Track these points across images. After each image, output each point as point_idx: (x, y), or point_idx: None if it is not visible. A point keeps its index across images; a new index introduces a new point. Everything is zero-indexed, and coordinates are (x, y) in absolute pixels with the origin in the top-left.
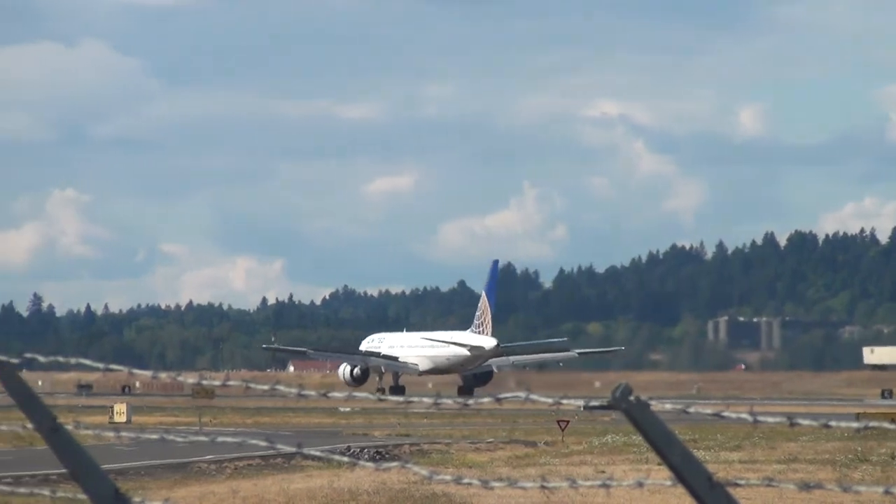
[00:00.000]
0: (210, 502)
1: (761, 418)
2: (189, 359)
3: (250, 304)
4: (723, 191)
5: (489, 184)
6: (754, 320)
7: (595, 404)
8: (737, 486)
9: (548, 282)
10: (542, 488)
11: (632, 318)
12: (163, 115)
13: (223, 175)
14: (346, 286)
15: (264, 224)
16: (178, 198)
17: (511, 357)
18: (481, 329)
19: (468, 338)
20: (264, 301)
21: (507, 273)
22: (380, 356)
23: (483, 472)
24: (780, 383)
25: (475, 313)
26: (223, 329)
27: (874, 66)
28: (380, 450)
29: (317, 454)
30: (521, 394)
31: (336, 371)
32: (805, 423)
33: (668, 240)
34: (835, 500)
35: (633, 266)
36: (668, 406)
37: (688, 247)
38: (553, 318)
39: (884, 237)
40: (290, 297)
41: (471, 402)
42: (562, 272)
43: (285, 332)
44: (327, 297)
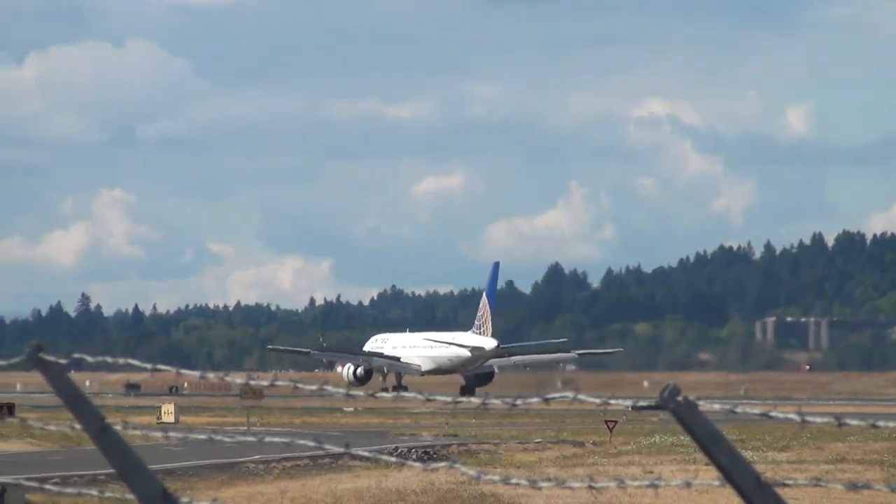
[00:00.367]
0: (258, 503)
1: (809, 418)
2: (237, 359)
3: (298, 304)
4: (771, 191)
5: (537, 184)
6: (802, 320)
7: (643, 404)
8: (785, 486)
9: (596, 282)
10: (590, 488)
11: (679, 319)
12: (211, 116)
13: (271, 175)
14: (393, 286)
15: (312, 224)
16: (225, 198)
17: (512, 357)
18: (482, 330)
19: (469, 338)
20: (312, 301)
21: (555, 273)
22: (383, 356)
23: (531, 473)
24: (828, 383)
25: (477, 314)
26: (271, 329)
27: None
28: (427, 450)
29: (365, 454)
30: (569, 394)
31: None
32: (853, 423)
33: (716, 240)
34: (883, 500)
35: (680, 266)
36: (715, 406)
37: (735, 247)
38: (600, 319)
39: None
40: (338, 298)
41: (518, 402)
42: (609, 272)
43: (333, 333)
44: (375, 298)
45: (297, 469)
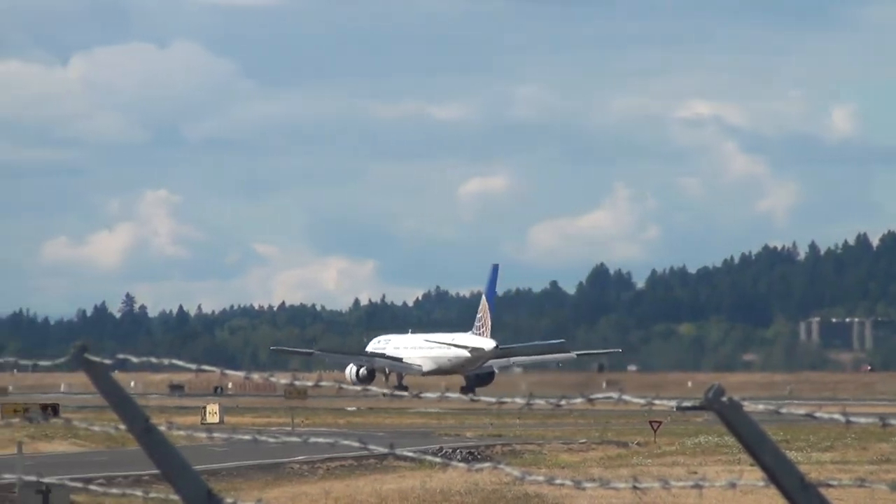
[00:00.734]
0: (302, 503)
1: (853, 419)
2: (281, 359)
3: (342, 304)
4: (815, 191)
5: (581, 184)
6: (846, 321)
7: (688, 405)
8: (829, 486)
9: (640, 282)
10: (634, 489)
11: (724, 319)
12: (255, 116)
13: (316, 175)
14: (437, 287)
15: (356, 225)
16: (270, 198)
17: (512, 358)
18: (482, 331)
19: (469, 339)
20: (356, 302)
21: (600, 274)
22: (385, 357)
23: (575, 473)
24: (873, 384)
25: (476, 315)
26: (316, 330)
27: None
28: (472, 450)
29: (409, 455)
30: (614, 394)
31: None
32: None
33: (761, 240)
34: None
35: (725, 267)
36: (760, 407)
37: (780, 247)
38: (645, 319)
39: None
40: (383, 298)
41: (563, 402)
42: (654, 273)
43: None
44: (419, 299)
45: (341, 469)
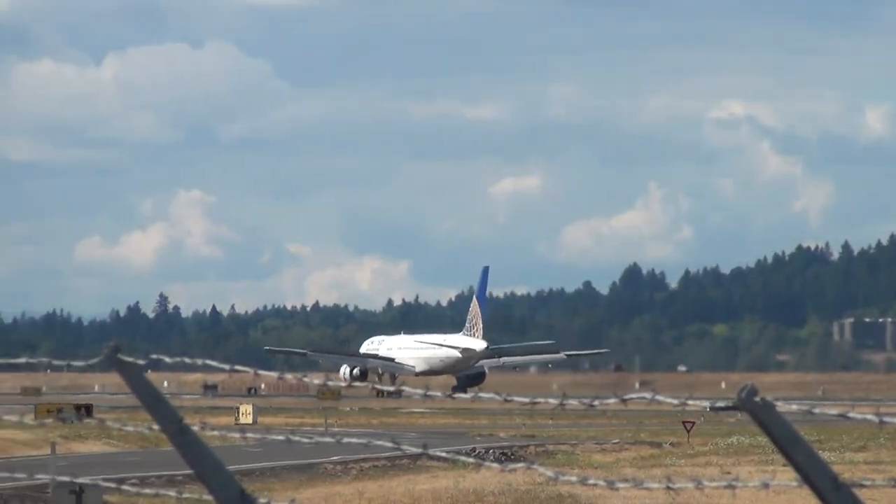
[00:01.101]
0: (336, 503)
1: (887, 419)
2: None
3: (376, 305)
4: (849, 191)
5: (614, 185)
6: (880, 321)
7: (721, 405)
8: (862, 486)
9: (673, 282)
10: (668, 489)
11: (757, 319)
12: (289, 116)
13: (349, 176)
14: (471, 287)
15: (390, 225)
16: (303, 198)
17: (502, 358)
18: (473, 332)
19: (460, 340)
20: (390, 302)
21: (633, 274)
22: (378, 358)
23: (608, 473)
24: None
25: (467, 317)
26: (349, 330)
27: None
28: (505, 451)
29: (442, 455)
30: (647, 394)
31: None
32: None
33: (794, 241)
34: None
35: (758, 267)
36: (793, 407)
37: (813, 247)
38: (678, 319)
39: None
40: (416, 299)
41: (596, 402)
42: (687, 273)
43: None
44: (453, 299)
45: (374, 470)
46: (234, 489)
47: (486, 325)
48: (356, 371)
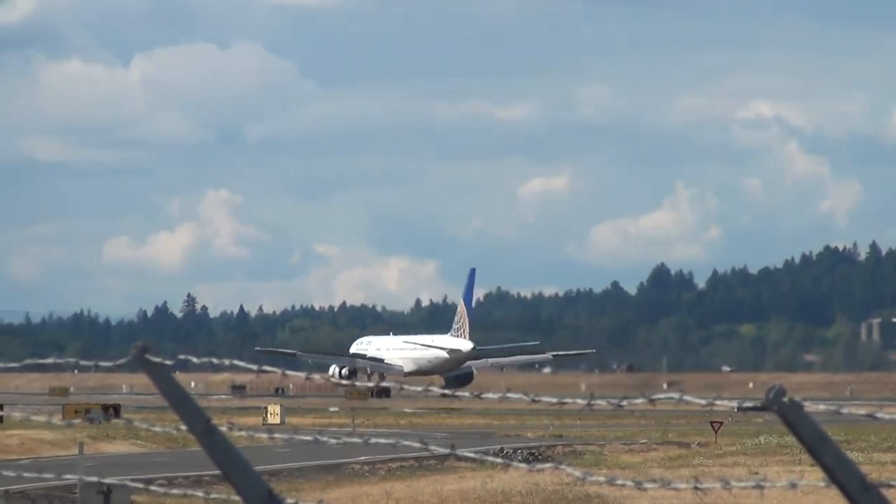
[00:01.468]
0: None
1: None
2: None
3: (404, 305)
4: (876, 191)
5: (642, 185)
6: None
7: (749, 405)
8: (890, 487)
9: (701, 283)
10: (695, 489)
11: (785, 320)
12: (316, 116)
13: (377, 176)
14: (499, 287)
15: (418, 225)
16: (331, 198)
17: (490, 359)
18: (460, 333)
19: (447, 341)
20: (418, 302)
21: (660, 274)
22: (367, 358)
23: (636, 474)
24: None
25: (454, 318)
26: (377, 330)
27: None
28: (533, 451)
29: (470, 455)
30: (675, 395)
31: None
32: None
33: (822, 241)
34: None
35: (786, 267)
36: (821, 407)
37: (841, 248)
38: (706, 320)
39: None
40: (444, 299)
41: (624, 402)
42: (715, 273)
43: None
44: (481, 299)
45: (402, 470)
46: (261, 489)
47: (514, 324)
48: (345, 371)
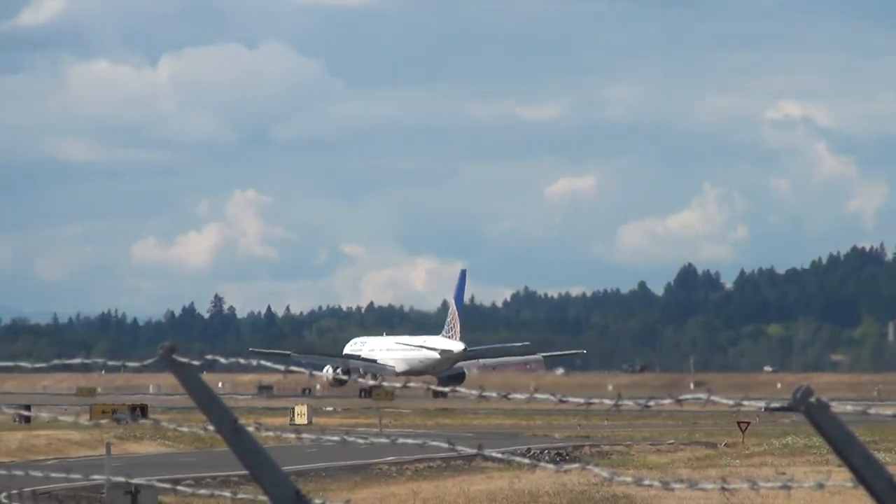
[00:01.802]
0: None
1: None
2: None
3: (431, 305)
4: None
5: (670, 185)
6: None
7: (776, 406)
8: None
9: (728, 283)
10: (723, 490)
11: (812, 320)
12: (344, 116)
13: (404, 176)
14: (526, 287)
15: (445, 225)
16: (359, 199)
17: (481, 360)
18: (451, 334)
19: (439, 342)
20: (445, 303)
21: (688, 274)
22: (360, 359)
23: (663, 474)
24: None
25: (446, 319)
26: (404, 331)
27: None
28: (560, 451)
29: (497, 456)
30: (703, 395)
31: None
32: None
33: (849, 241)
34: None
35: (813, 267)
36: (848, 408)
37: (868, 248)
38: (733, 320)
39: None
40: (472, 299)
41: (651, 403)
42: (742, 273)
43: (467, 334)
44: (508, 299)
45: (429, 470)
46: (289, 490)
47: (541, 324)
48: (339, 372)
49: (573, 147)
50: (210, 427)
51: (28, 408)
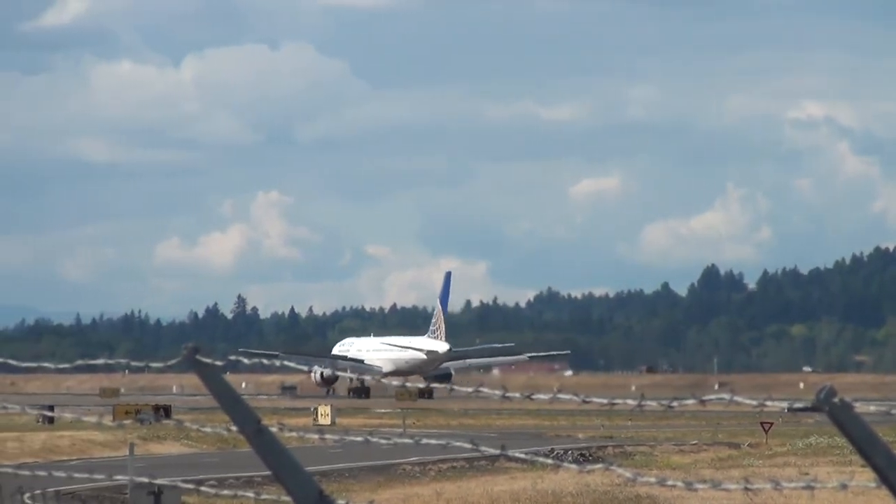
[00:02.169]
0: None
1: None
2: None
3: (454, 306)
4: None
5: (693, 185)
6: None
7: (799, 406)
8: None
9: (752, 283)
10: (746, 490)
11: (835, 321)
12: (367, 117)
13: (427, 177)
14: (549, 288)
15: (468, 226)
16: (382, 199)
17: (468, 360)
18: (437, 335)
19: (424, 342)
20: (468, 304)
21: (711, 275)
22: (347, 359)
23: (686, 474)
24: None
25: (432, 320)
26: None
27: None
28: (584, 452)
29: (521, 456)
30: (726, 396)
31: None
32: None
33: (872, 241)
34: None
35: (836, 268)
36: (871, 408)
37: (892, 248)
38: (756, 320)
39: None
40: (495, 300)
41: (675, 403)
42: (766, 274)
43: (490, 335)
44: (531, 300)
45: (453, 471)
46: (312, 490)
47: (564, 325)
48: (327, 372)
49: (596, 147)
50: (233, 427)
51: (51, 408)
